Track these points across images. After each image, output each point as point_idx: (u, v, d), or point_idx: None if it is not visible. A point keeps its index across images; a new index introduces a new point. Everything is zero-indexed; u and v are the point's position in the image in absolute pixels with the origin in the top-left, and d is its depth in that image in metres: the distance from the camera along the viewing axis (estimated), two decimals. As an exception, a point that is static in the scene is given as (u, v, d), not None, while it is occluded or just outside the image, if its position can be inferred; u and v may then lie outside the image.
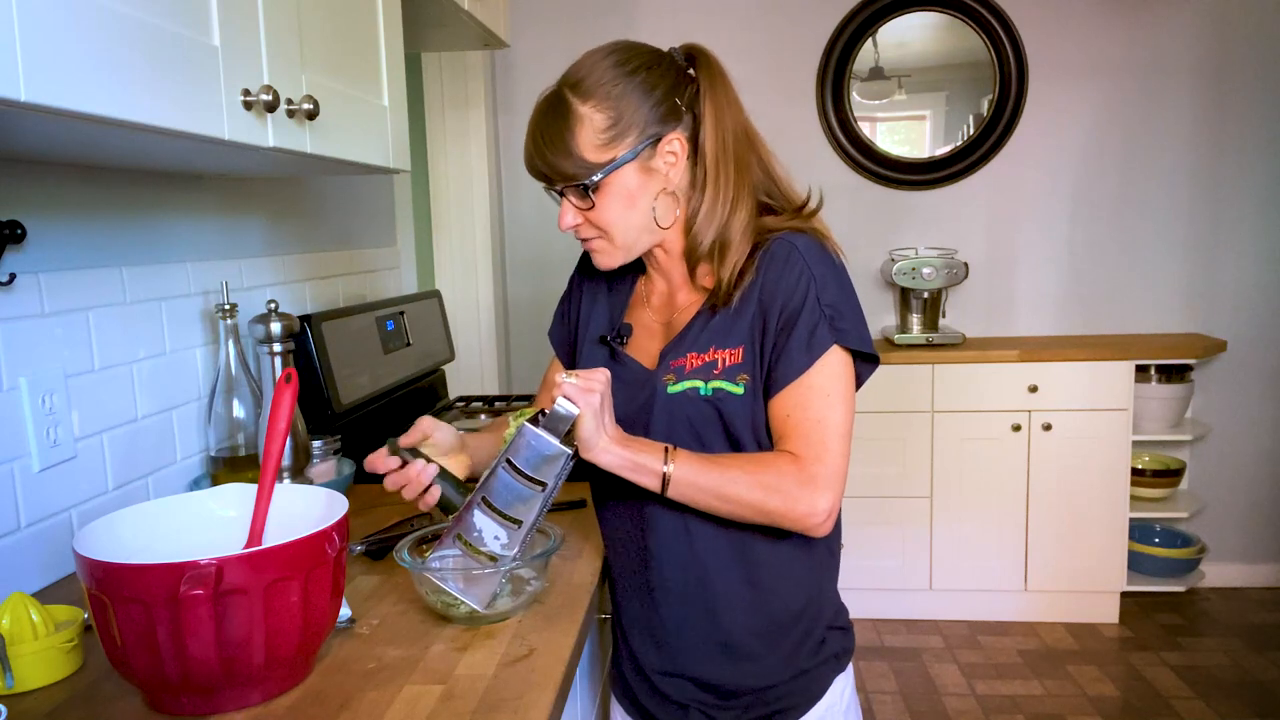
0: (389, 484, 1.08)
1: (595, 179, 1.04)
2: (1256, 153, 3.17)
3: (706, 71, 1.09)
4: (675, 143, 1.06)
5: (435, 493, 1.07)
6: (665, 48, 1.11)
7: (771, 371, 1.05)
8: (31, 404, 1.14)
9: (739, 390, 1.06)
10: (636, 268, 1.21)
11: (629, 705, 1.22)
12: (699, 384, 1.07)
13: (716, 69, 1.10)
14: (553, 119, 1.05)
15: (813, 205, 1.13)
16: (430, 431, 1.13)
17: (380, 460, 1.09)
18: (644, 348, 1.16)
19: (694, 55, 1.10)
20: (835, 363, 1.04)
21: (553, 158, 1.04)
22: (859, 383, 1.09)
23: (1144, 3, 3.13)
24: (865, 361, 1.09)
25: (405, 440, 1.10)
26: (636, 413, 1.11)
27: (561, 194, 1.09)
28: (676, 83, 1.07)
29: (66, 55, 0.73)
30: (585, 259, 1.27)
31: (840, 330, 1.04)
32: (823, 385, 1.04)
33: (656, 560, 1.12)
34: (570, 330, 1.28)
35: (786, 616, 1.12)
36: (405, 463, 1.08)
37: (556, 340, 1.32)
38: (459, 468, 1.16)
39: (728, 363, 1.06)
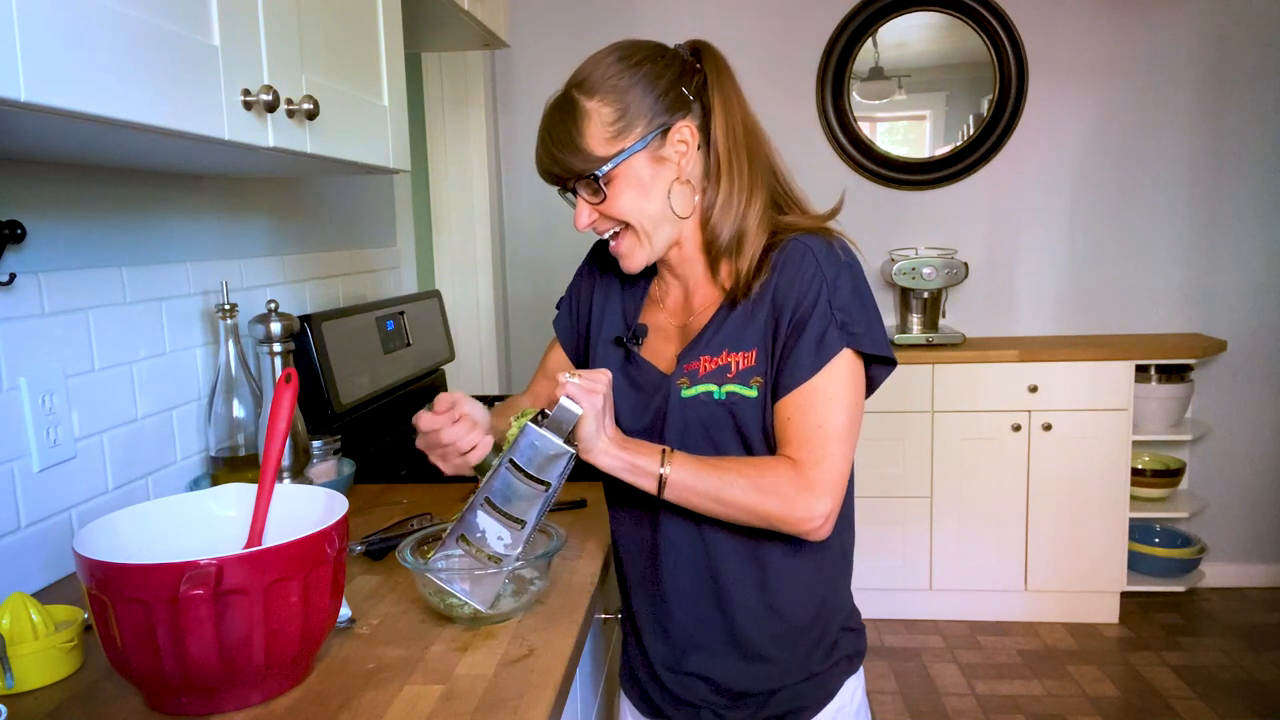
0: (446, 435, 1.04)
1: (604, 170, 1.04)
2: (1256, 153, 3.17)
3: (712, 64, 1.10)
4: (685, 130, 1.06)
5: (486, 447, 1.04)
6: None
7: (779, 374, 1.05)
8: (31, 404, 1.14)
9: (752, 393, 1.05)
10: (649, 269, 1.20)
11: (641, 703, 1.22)
12: (712, 388, 1.06)
13: (722, 63, 1.10)
14: (560, 118, 1.06)
15: (832, 207, 1.13)
16: (461, 400, 1.08)
17: (433, 412, 1.05)
18: (659, 351, 1.15)
19: (699, 49, 1.11)
20: (844, 367, 1.04)
21: (562, 155, 1.05)
22: (874, 385, 1.09)
23: (1144, 3, 3.13)
24: (881, 364, 1.08)
25: (448, 401, 1.07)
26: (652, 417, 1.10)
27: (575, 193, 1.08)
28: (682, 73, 1.07)
29: (66, 55, 0.73)
30: (596, 251, 1.27)
31: (853, 334, 1.03)
32: (827, 389, 1.03)
33: (669, 562, 1.12)
34: (580, 325, 1.26)
35: (800, 619, 1.12)
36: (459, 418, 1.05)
37: (562, 332, 1.30)
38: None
39: (741, 366, 1.06)
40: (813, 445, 1.02)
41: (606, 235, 1.11)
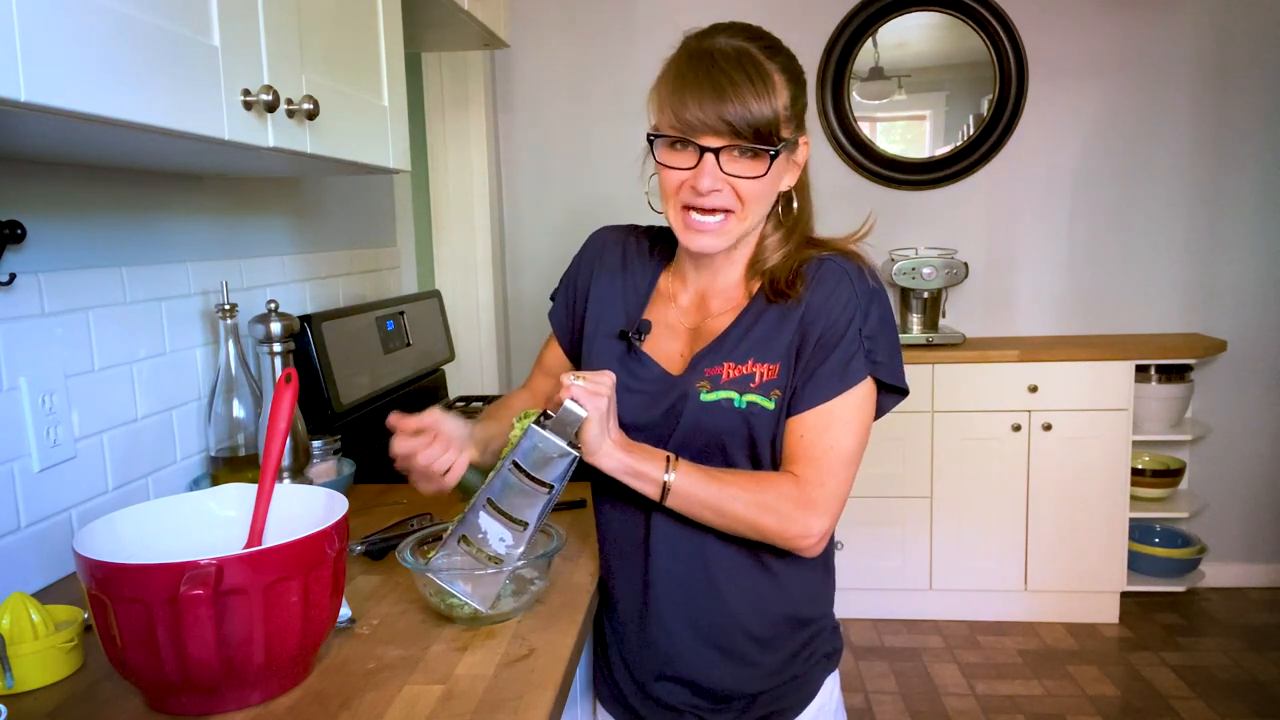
0: (422, 459, 1.01)
1: (779, 148, 1.00)
2: (1256, 152, 3.17)
3: None
4: (807, 150, 1.08)
5: (462, 466, 1.03)
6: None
7: (798, 391, 1.04)
8: (31, 404, 1.14)
9: (770, 405, 1.05)
10: (662, 258, 1.19)
11: (618, 709, 1.21)
12: (734, 395, 1.05)
13: None
14: (752, 71, 0.98)
15: (861, 230, 1.13)
16: (438, 420, 1.07)
17: (407, 437, 1.03)
18: (664, 349, 1.13)
19: None
20: (862, 393, 1.05)
21: (758, 106, 0.97)
22: (882, 412, 1.10)
23: (1144, 3, 3.13)
24: (893, 394, 1.09)
25: (414, 422, 1.05)
26: (660, 416, 1.08)
27: (712, 152, 0.99)
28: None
29: (66, 55, 0.73)
30: (599, 240, 1.23)
31: (876, 363, 1.04)
32: (844, 414, 1.04)
33: (660, 560, 1.11)
34: (576, 318, 1.22)
35: (788, 623, 1.11)
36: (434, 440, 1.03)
37: (558, 324, 1.26)
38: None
39: (765, 377, 1.05)
40: (820, 466, 1.03)
41: (722, 207, 1.03)
